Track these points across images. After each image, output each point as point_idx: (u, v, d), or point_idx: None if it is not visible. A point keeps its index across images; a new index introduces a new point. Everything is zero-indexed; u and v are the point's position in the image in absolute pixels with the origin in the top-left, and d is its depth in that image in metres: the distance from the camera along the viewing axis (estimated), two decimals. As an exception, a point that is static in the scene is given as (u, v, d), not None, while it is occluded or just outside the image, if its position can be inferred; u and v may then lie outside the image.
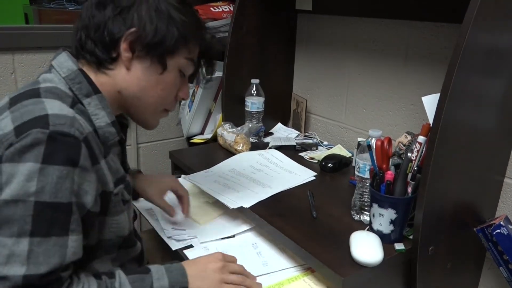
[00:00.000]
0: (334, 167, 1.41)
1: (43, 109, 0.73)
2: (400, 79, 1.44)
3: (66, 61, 0.85)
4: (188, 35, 0.88)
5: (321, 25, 1.69)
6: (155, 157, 2.16)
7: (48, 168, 0.69)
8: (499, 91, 1.01)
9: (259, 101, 1.64)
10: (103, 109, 0.85)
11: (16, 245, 0.67)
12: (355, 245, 0.96)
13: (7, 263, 0.67)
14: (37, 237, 0.68)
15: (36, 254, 0.68)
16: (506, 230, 1.05)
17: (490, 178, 1.14)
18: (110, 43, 0.84)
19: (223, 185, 1.28)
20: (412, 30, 1.37)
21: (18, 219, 0.68)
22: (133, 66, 0.87)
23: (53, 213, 0.70)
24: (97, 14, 0.84)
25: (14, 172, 0.69)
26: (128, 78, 0.87)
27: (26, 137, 0.70)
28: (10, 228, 0.67)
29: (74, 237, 0.73)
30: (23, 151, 0.69)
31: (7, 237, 0.67)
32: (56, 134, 0.71)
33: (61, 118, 0.73)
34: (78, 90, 0.83)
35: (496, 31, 0.93)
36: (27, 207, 0.68)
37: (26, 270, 0.67)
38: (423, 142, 0.98)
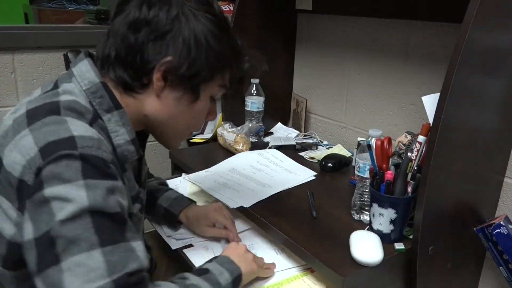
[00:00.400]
0: (334, 166, 1.41)
1: (67, 130, 0.70)
2: (400, 79, 1.44)
3: (88, 71, 0.80)
4: (225, 65, 0.84)
5: (321, 25, 1.69)
6: (155, 157, 2.16)
7: (93, 182, 0.68)
8: (499, 90, 1.01)
9: (259, 100, 1.64)
10: (123, 126, 0.81)
11: (90, 259, 0.65)
12: (355, 245, 0.96)
13: (89, 280, 0.64)
14: (107, 246, 0.66)
15: (114, 262, 0.66)
16: (506, 229, 1.05)
17: (490, 178, 1.14)
18: (142, 70, 0.79)
19: (223, 184, 1.28)
20: (412, 30, 1.37)
21: (81, 234, 0.65)
22: (164, 94, 0.82)
23: (111, 222, 0.69)
24: (130, 37, 0.77)
25: (59, 193, 0.66)
26: (157, 105, 0.83)
27: (56, 159, 0.67)
28: (78, 246, 0.65)
29: (138, 241, 0.72)
30: (59, 173, 0.67)
31: (78, 255, 0.64)
32: (86, 155, 0.69)
33: (88, 140, 0.70)
34: (98, 105, 0.79)
35: (496, 31, 0.93)
36: (85, 221, 0.66)
37: (113, 276, 0.65)
38: (423, 141, 0.98)
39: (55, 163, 0.67)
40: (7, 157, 0.70)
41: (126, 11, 0.78)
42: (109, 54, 0.79)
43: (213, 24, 0.80)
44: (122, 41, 0.78)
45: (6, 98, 1.68)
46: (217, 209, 1.16)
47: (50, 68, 1.73)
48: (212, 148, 1.63)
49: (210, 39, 0.79)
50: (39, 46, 1.68)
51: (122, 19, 0.78)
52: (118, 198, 0.71)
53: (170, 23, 0.77)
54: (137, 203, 0.89)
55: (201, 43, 0.79)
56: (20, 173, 0.68)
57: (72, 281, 0.64)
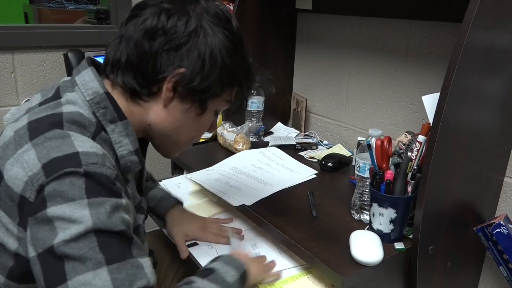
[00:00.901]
0: (334, 166, 1.41)
1: (71, 145, 0.69)
2: (400, 78, 1.44)
3: (92, 81, 0.78)
4: (235, 82, 0.84)
5: (321, 24, 1.69)
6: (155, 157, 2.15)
7: (97, 200, 0.67)
8: (499, 90, 1.01)
9: (259, 100, 1.64)
10: (127, 137, 0.80)
11: (97, 278, 0.64)
12: (355, 245, 0.96)
13: None
14: (114, 264, 0.66)
15: (121, 280, 0.65)
16: (506, 229, 1.05)
17: (490, 177, 1.14)
18: (153, 78, 0.78)
19: (224, 183, 1.28)
20: (412, 29, 1.37)
21: (86, 253, 0.64)
22: (172, 105, 0.81)
23: (116, 240, 0.68)
24: (144, 44, 0.76)
25: (63, 212, 0.65)
26: (163, 115, 0.82)
27: (60, 177, 0.66)
28: (84, 265, 0.64)
29: (145, 258, 0.71)
30: (63, 191, 0.66)
31: (83, 274, 0.64)
32: (91, 172, 0.68)
33: (92, 157, 0.69)
34: (102, 116, 0.78)
35: (496, 30, 0.93)
36: (90, 241, 0.65)
37: None
38: (423, 141, 0.98)
39: (59, 181, 0.66)
40: (8, 171, 0.69)
41: (142, 17, 0.77)
42: (119, 59, 0.78)
43: (229, 41, 0.80)
44: (135, 47, 0.76)
45: (6, 97, 1.68)
46: (206, 227, 1.16)
47: (50, 67, 1.73)
48: (212, 148, 1.63)
49: (225, 56, 0.79)
50: (39, 46, 1.68)
51: (137, 25, 0.77)
52: (123, 215, 0.70)
53: (187, 35, 0.76)
54: (140, 213, 0.88)
55: (216, 58, 0.78)
56: (21, 189, 0.67)
57: None
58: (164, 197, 1.20)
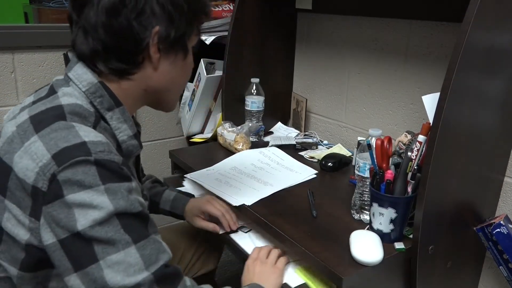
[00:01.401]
0: (334, 166, 1.41)
1: (77, 135, 0.72)
2: (400, 78, 1.44)
3: (85, 73, 0.80)
4: (198, 14, 0.86)
5: (321, 24, 1.69)
6: (155, 156, 2.16)
7: (113, 186, 0.71)
8: (499, 90, 1.01)
9: (259, 100, 1.64)
10: (125, 122, 0.83)
11: (128, 256, 0.70)
12: (355, 245, 0.96)
13: (129, 275, 0.70)
14: (139, 242, 0.72)
15: (148, 256, 0.72)
16: (506, 229, 1.05)
17: (490, 177, 1.14)
18: (136, 50, 0.79)
19: (224, 183, 1.28)
20: (412, 29, 1.37)
21: (113, 236, 0.69)
22: (161, 64, 0.83)
23: (136, 220, 0.73)
24: (113, 23, 0.76)
25: (83, 199, 0.68)
26: (156, 76, 0.84)
27: (72, 165, 0.68)
28: (113, 246, 0.69)
29: (159, 235, 0.77)
30: (79, 180, 0.68)
31: (116, 254, 0.69)
32: (100, 160, 0.71)
33: (99, 145, 0.72)
34: (99, 104, 0.80)
35: (496, 30, 0.93)
36: (113, 225, 0.70)
37: (151, 269, 0.72)
38: (423, 141, 0.98)
39: (71, 169, 0.68)
40: (17, 164, 0.71)
41: (93, 1, 0.77)
42: (96, 49, 0.79)
43: None
44: (106, 31, 0.77)
45: (6, 97, 1.68)
46: (210, 200, 1.20)
47: (50, 67, 1.73)
48: (212, 148, 1.63)
49: None
50: (39, 46, 1.68)
51: (95, 9, 0.76)
52: (137, 197, 0.74)
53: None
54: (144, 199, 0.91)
55: (176, 3, 0.80)
56: (33, 180, 0.69)
57: (113, 277, 0.69)
58: (176, 198, 1.25)
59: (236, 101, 1.69)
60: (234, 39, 1.61)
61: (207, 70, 1.73)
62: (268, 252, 1.05)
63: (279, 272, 1.00)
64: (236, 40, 1.62)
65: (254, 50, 1.70)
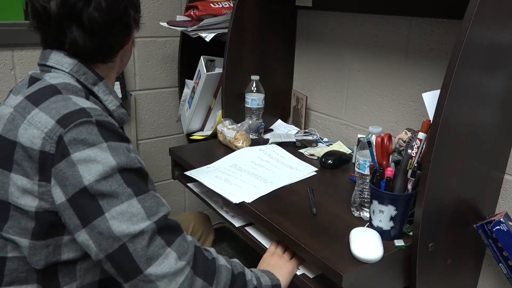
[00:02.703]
0: (334, 163, 1.41)
1: (76, 104, 0.78)
2: (400, 76, 1.43)
3: (63, 58, 0.87)
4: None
5: (321, 21, 1.69)
6: (155, 154, 2.16)
7: (114, 144, 0.76)
8: (499, 87, 1.01)
9: (259, 97, 1.63)
10: (110, 94, 0.91)
11: (131, 207, 0.75)
12: (355, 242, 0.96)
13: (133, 223, 0.74)
14: (140, 195, 0.77)
15: (149, 207, 0.77)
16: (506, 226, 1.05)
17: (490, 175, 1.14)
18: (127, 36, 0.93)
19: (224, 180, 1.28)
20: (412, 26, 1.37)
21: (117, 188, 0.75)
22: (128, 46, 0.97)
23: (137, 175, 0.79)
24: (116, 17, 0.88)
25: (88, 156, 0.73)
26: (127, 52, 0.98)
27: (76, 126, 0.74)
28: (117, 198, 0.74)
29: (158, 193, 0.82)
30: (84, 139, 0.74)
31: (120, 205, 0.74)
32: (101, 121, 0.77)
33: (96, 110, 0.79)
34: (85, 80, 0.87)
35: (497, 28, 0.93)
36: (116, 179, 0.75)
37: (152, 219, 0.76)
38: (423, 138, 0.98)
39: (76, 129, 0.74)
40: (23, 135, 0.76)
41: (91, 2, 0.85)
42: (99, 47, 0.88)
43: None
44: (109, 27, 0.87)
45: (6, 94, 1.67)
46: None
47: (49, 64, 1.73)
48: (212, 145, 1.63)
49: None
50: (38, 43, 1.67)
51: (96, 9, 0.84)
52: (136, 155, 0.80)
53: None
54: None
55: None
56: (41, 145, 0.74)
57: (119, 226, 0.74)
58: None
59: (236, 98, 1.69)
60: (234, 36, 1.61)
61: (207, 68, 1.73)
62: (285, 249, 1.07)
63: (292, 268, 1.02)
64: (236, 37, 1.62)
65: (254, 47, 1.69)
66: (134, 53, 1.96)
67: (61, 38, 0.85)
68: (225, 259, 0.89)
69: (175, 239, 0.78)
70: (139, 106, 2.04)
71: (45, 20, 0.84)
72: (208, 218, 1.55)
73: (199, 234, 1.45)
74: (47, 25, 0.85)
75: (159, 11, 1.98)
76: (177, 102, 2.10)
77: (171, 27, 1.76)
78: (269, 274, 0.97)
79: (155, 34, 2.00)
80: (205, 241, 1.48)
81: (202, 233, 1.46)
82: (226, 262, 0.88)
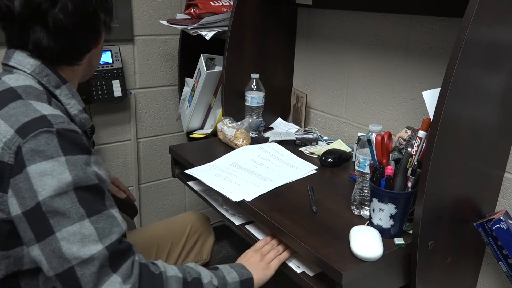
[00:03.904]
0: (334, 162, 1.41)
1: (36, 110, 0.76)
2: (401, 74, 1.43)
3: (25, 58, 0.85)
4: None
5: (321, 20, 1.69)
6: (155, 152, 2.16)
7: (73, 158, 0.74)
8: (499, 85, 1.01)
9: (259, 95, 1.63)
10: (73, 98, 0.89)
11: (83, 228, 0.73)
12: (355, 240, 0.96)
13: (84, 246, 0.72)
14: (93, 216, 0.75)
15: (101, 229, 0.75)
16: (505, 225, 1.05)
17: (490, 173, 1.14)
18: (96, 38, 0.91)
19: (224, 178, 1.28)
20: (412, 24, 1.36)
21: (70, 208, 0.73)
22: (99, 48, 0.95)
23: (92, 194, 0.76)
24: (85, 19, 0.86)
25: (44, 169, 0.71)
26: (96, 55, 0.96)
27: (35, 136, 0.72)
28: (69, 218, 0.72)
29: (115, 209, 0.80)
30: (42, 150, 0.72)
31: (71, 226, 0.72)
32: (62, 130, 0.74)
33: (58, 117, 0.76)
34: (47, 83, 0.85)
35: (497, 26, 0.92)
36: (71, 197, 0.73)
37: (104, 243, 0.74)
38: (423, 137, 0.98)
39: (35, 140, 0.72)
40: None
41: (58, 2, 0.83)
42: (65, 48, 0.86)
43: None
44: (76, 28, 0.84)
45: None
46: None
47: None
48: (212, 143, 1.63)
49: None
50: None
51: (62, 10, 0.82)
52: (95, 169, 0.78)
53: None
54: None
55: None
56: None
57: (69, 247, 0.72)
58: None
59: (236, 96, 1.68)
60: (234, 35, 1.60)
61: (207, 66, 1.72)
62: (270, 249, 1.06)
63: (269, 272, 1.01)
64: (236, 35, 1.61)
65: (254, 46, 1.69)
66: (134, 51, 1.96)
67: (25, 38, 0.83)
68: (177, 268, 0.87)
69: (123, 264, 0.76)
70: (139, 105, 2.04)
71: (9, 19, 0.82)
72: (208, 220, 1.51)
73: (196, 236, 1.42)
74: (10, 24, 0.83)
75: (159, 9, 1.98)
76: (177, 100, 2.10)
77: (171, 25, 1.76)
78: (240, 269, 0.96)
79: (155, 32, 2.00)
80: (204, 243, 1.44)
81: (200, 235, 1.43)
82: (177, 272, 0.85)
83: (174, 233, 1.38)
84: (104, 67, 1.84)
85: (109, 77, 1.85)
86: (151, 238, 1.35)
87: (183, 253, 1.37)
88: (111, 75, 1.85)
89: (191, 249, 1.39)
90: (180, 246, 1.37)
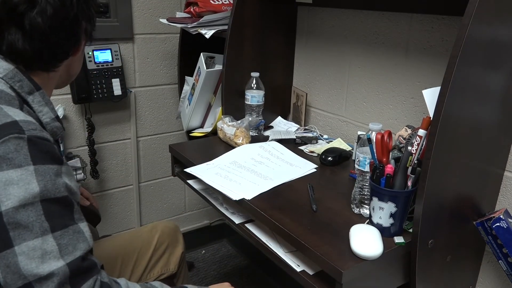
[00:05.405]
0: (334, 160, 1.41)
1: (8, 115, 0.73)
2: (401, 72, 1.43)
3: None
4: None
5: (321, 18, 1.69)
6: (155, 151, 2.16)
7: (42, 167, 0.71)
8: (499, 84, 1.01)
9: (259, 94, 1.63)
10: (46, 105, 0.85)
11: (45, 243, 0.69)
12: (354, 239, 0.96)
13: (44, 262, 0.69)
14: (58, 231, 0.71)
15: (65, 245, 0.71)
16: (505, 223, 1.05)
17: (490, 172, 1.14)
18: (75, 46, 0.88)
19: (224, 177, 1.28)
20: (413, 23, 1.36)
21: (34, 221, 0.69)
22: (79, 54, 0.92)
23: (59, 207, 0.73)
24: (63, 23, 0.83)
25: (10, 178, 0.69)
26: (76, 63, 0.94)
27: (5, 142, 0.69)
28: (31, 232, 0.69)
29: (84, 223, 0.77)
30: (10, 158, 0.69)
31: (33, 240, 0.69)
32: (34, 138, 0.72)
33: (30, 124, 0.74)
34: (20, 88, 0.81)
35: (497, 24, 0.92)
36: (36, 209, 0.70)
37: (65, 260, 0.70)
38: (423, 135, 0.98)
39: (4, 146, 0.69)
40: None
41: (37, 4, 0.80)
42: (40, 51, 0.82)
43: None
44: (53, 31, 0.81)
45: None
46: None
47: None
48: (212, 142, 1.63)
49: None
50: None
51: (40, 13, 0.79)
52: (65, 180, 0.75)
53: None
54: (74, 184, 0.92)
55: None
56: None
57: (27, 264, 0.68)
58: None
59: (236, 95, 1.68)
60: (234, 33, 1.60)
61: (207, 64, 1.72)
62: None
63: None
64: (236, 34, 1.61)
65: (254, 44, 1.69)
66: (134, 49, 1.96)
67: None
68: (140, 286, 0.84)
69: (84, 283, 0.73)
70: (138, 103, 2.04)
71: None
72: (177, 229, 1.43)
73: (164, 246, 1.36)
74: None
75: (159, 7, 1.98)
76: (177, 99, 2.10)
77: (171, 24, 1.76)
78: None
79: (155, 31, 2.00)
80: (171, 254, 1.37)
81: (168, 246, 1.36)
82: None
83: (140, 244, 1.32)
84: (104, 66, 1.83)
85: (109, 76, 1.85)
86: (117, 248, 1.29)
87: (149, 264, 1.32)
88: (111, 74, 1.85)
89: (157, 260, 1.34)
90: (147, 258, 1.31)
